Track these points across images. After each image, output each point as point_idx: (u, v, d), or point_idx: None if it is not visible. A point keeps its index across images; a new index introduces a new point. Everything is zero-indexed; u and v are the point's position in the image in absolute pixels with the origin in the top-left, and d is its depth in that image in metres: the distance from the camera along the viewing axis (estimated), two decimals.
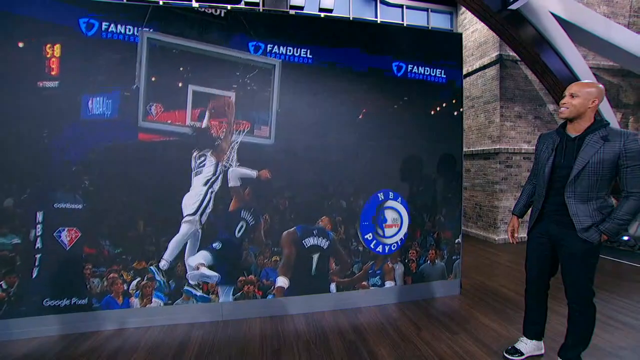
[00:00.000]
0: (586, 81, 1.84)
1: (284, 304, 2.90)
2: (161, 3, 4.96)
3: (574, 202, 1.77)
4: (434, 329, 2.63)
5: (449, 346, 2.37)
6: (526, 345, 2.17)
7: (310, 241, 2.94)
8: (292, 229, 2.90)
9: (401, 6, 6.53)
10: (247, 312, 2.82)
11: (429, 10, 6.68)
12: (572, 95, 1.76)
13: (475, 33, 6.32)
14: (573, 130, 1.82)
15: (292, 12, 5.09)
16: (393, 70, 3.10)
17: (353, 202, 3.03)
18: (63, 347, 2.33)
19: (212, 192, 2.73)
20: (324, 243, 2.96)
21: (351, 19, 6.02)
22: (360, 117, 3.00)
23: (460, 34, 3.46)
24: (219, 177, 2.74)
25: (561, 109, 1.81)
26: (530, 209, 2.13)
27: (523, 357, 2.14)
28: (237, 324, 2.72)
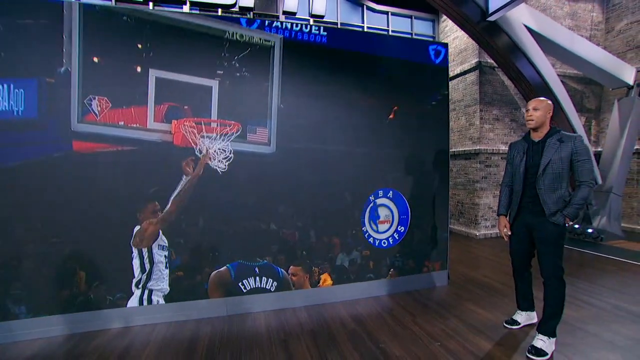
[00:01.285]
0: (541, 98, 2.27)
1: (286, 297, 3.02)
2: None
3: (544, 192, 2.19)
4: (426, 315, 2.85)
5: (441, 329, 2.60)
6: (521, 316, 2.60)
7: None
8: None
9: (386, 13, 6.82)
10: (250, 306, 2.92)
11: (412, 17, 7.02)
12: (535, 109, 2.20)
13: (456, 40, 6.71)
14: (536, 136, 2.28)
15: (282, 17, 5.23)
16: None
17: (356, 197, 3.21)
18: (71, 346, 2.34)
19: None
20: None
21: (339, 24, 6.23)
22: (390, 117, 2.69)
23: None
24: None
25: (528, 120, 2.24)
26: (511, 205, 2.50)
27: (520, 326, 2.55)
28: (241, 318, 2.82)
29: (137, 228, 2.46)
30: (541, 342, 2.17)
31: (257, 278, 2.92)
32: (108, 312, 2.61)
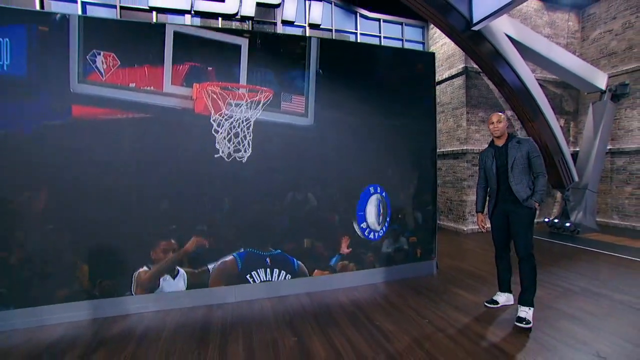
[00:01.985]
0: (500, 113, 2.83)
1: (289, 285, 3.30)
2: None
3: (515, 184, 2.70)
4: (416, 298, 3.17)
5: (429, 309, 2.91)
6: (500, 297, 2.98)
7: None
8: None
9: (378, 20, 7.16)
10: (256, 293, 3.19)
11: (403, 24, 7.38)
12: (498, 122, 2.76)
13: (444, 46, 7.09)
14: (499, 142, 2.84)
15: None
16: None
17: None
18: (96, 329, 2.58)
19: None
20: None
21: (334, 31, 6.54)
22: None
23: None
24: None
25: (494, 131, 2.79)
26: (487, 202, 2.99)
27: (499, 305, 2.94)
28: (249, 304, 3.08)
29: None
30: (524, 312, 2.61)
31: (268, 270, 3.19)
32: (127, 298, 2.85)
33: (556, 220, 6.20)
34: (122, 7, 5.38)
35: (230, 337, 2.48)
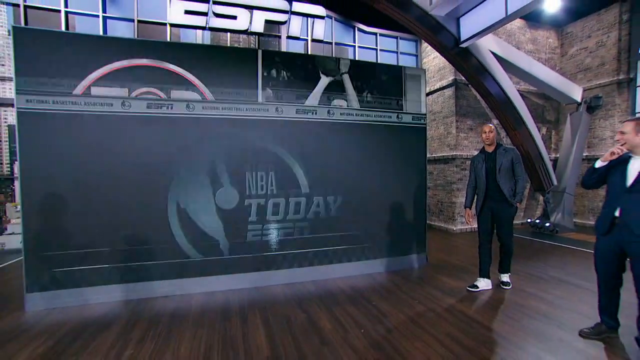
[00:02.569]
0: (490, 124, 3.48)
1: (295, 274, 3.72)
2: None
3: (502, 184, 3.29)
4: (410, 285, 3.61)
5: (421, 294, 3.36)
6: (480, 282, 3.47)
7: None
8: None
9: (375, 34, 7.69)
10: (269, 280, 3.61)
11: (398, 38, 7.92)
12: (490, 132, 3.38)
13: (436, 59, 7.65)
14: (490, 149, 3.43)
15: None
16: None
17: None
18: (132, 309, 2.97)
19: None
20: None
21: (333, 44, 7.05)
22: None
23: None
24: None
25: (486, 139, 3.38)
26: (476, 199, 3.48)
27: (479, 289, 3.41)
28: (262, 289, 3.50)
29: None
30: (505, 277, 3.50)
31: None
32: (157, 283, 3.24)
33: (537, 221, 6.74)
34: (139, 21, 5.80)
35: (249, 314, 2.90)
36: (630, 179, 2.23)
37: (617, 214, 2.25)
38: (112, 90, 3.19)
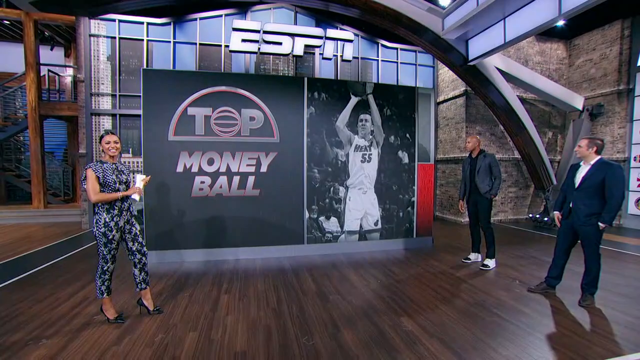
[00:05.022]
0: (473, 135, 4.45)
1: (331, 247, 4.93)
2: None
3: (479, 182, 4.24)
4: (417, 259, 4.73)
5: (426, 264, 4.47)
6: (472, 255, 4.59)
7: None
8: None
9: (396, 49, 8.68)
10: (312, 251, 4.85)
11: (417, 52, 8.86)
12: (468, 142, 4.42)
13: (449, 72, 8.53)
14: (473, 154, 4.40)
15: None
16: None
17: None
18: (211, 267, 4.31)
19: None
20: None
21: (360, 58, 8.14)
22: None
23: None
24: None
25: (466, 147, 4.38)
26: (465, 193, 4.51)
27: (470, 261, 4.51)
28: (305, 257, 4.74)
29: None
30: (488, 262, 4.30)
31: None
32: (226, 250, 4.57)
33: (538, 216, 7.56)
34: (200, 44, 7.17)
35: (298, 271, 4.14)
36: (577, 181, 3.21)
37: (571, 205, 3.24)
38: (202, 110, 4.51)
